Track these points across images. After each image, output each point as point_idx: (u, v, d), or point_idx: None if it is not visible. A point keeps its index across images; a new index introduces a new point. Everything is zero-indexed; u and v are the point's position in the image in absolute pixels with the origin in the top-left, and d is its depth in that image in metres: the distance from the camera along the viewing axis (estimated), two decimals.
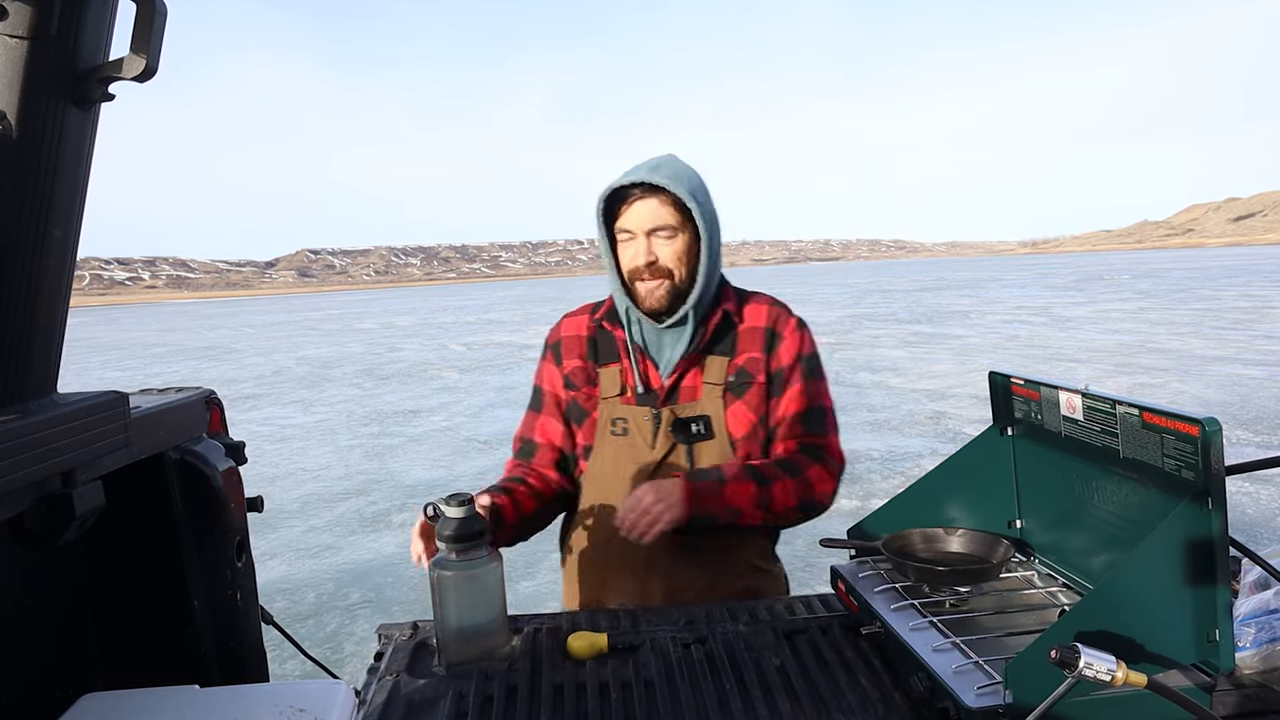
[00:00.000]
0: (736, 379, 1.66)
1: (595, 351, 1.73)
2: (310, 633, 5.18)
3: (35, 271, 0.97)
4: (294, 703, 1.05)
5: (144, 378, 20.32)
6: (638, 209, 1.58)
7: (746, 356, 1.67)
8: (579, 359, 1.73)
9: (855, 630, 1.39)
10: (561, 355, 1.75)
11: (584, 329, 1.76)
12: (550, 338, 1.80)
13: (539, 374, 1.80)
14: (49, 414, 0.99)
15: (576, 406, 1.72)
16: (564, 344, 1.76)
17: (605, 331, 1.73)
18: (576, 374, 1.73)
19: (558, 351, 1.76)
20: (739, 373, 1.66)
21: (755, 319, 1.69)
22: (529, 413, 1.79)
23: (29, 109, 0.90)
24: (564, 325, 1.79)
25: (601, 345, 1.73)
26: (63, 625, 1.22)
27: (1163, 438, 1.12)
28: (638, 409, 1.66)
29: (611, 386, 1.69)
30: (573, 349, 1.75)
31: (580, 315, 1.79)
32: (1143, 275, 52.26)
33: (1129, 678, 0.91)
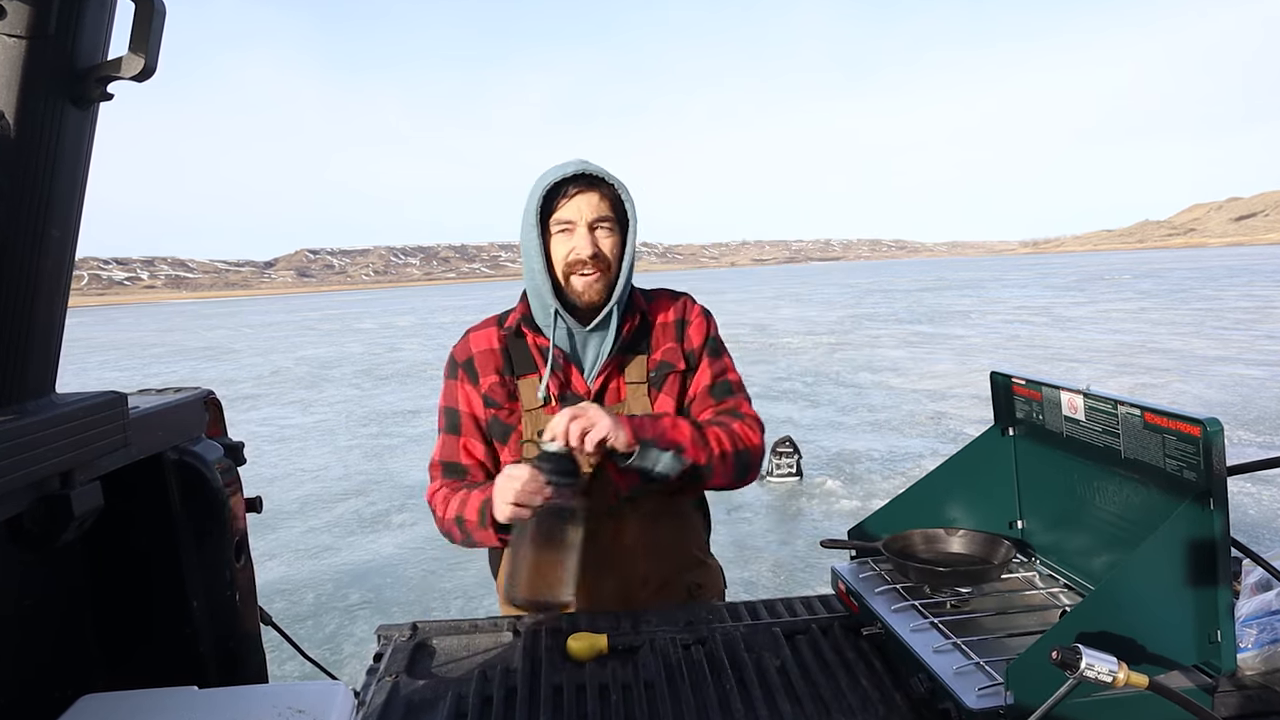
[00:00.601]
0: (657, 373, 1.69)
1: (510, 364, 1.67)
2: (309, 634, 5.18)
3: (33, 271, 0.96)
4: (293, 704, 1.05)
5: (142, 378, 20.32)
6: (579, 201, 1.57)
7: (663, 350, 1.70)
8: (495, 374, 1.67)
9: (856, 631, 1.39)
10: (477, 373, 1.68)
11: (495, 342, 1.69)
12: (459, 355, 1.71)
13: (449, 396, 1.71)
14: (47, 414, 0.99)
15: (499, 423, 1.66)
16: (477, 360, 1.68)
17: (518, 341, 1.67)
18: (494, 390, 1.66)
19: (471, 369, 1.68)
20: (659, 366, 1.69)
21: (665, 315, 1.73)
22: (446, 436, 1.71)
23: (27, 108, 0.90)
24: (472, 340, 1.71)
25: (515, 356, 1.67)
26: (61, 626, 1.22)
27: (1164, 438, 1.12)
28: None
29: (533, 398, 1.64)
30: (487, 364, 1.67)
31: (487, 329, 1.72)
32: (1144, 275, 52.29)
33: (1130, 679, 0.91)
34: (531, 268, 1.60)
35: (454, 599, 5.70)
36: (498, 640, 1.44)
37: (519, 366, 1.66)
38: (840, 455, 9.35)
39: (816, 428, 10.83)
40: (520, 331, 1.67)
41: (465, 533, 1.58)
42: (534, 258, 1.59)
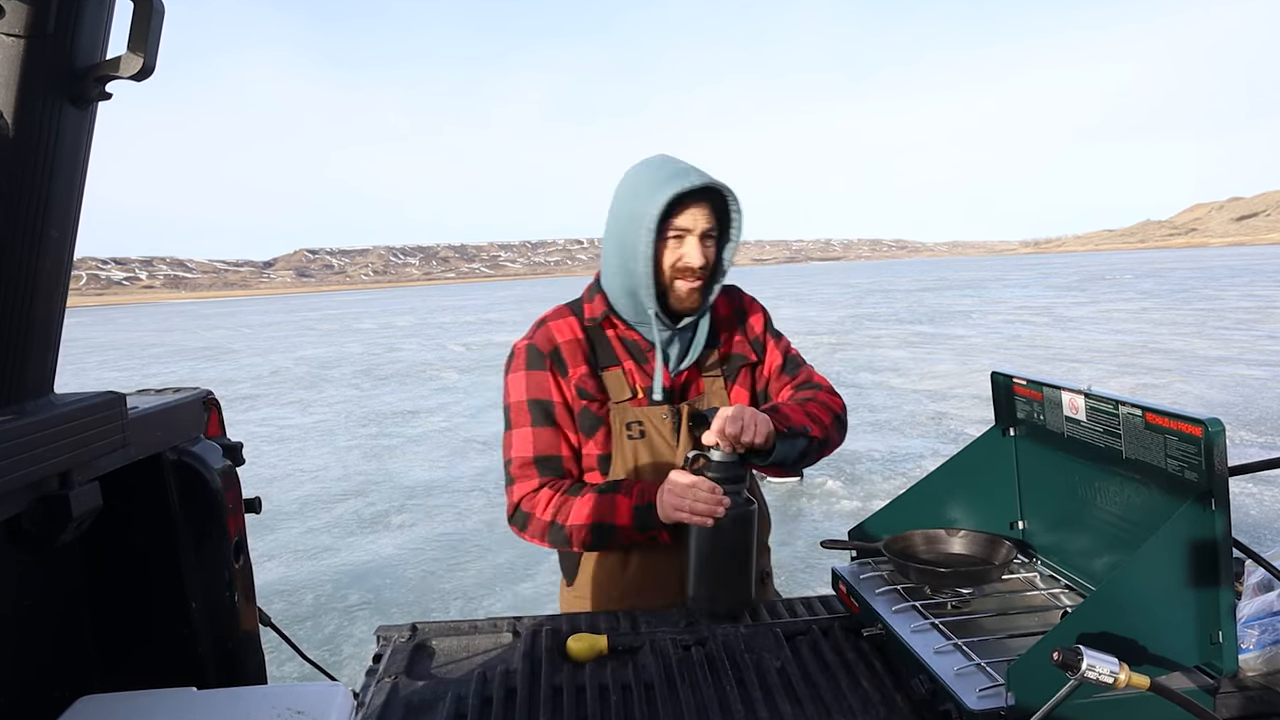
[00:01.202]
0: (729, 365, 1.74)
1: (594, 355, 1.68)
2: (308, 634, 5.17)
3: (32, 271, 0.96)
4: (292, 705, 1.05)
5: (141, 378, 20.32)
6: (696, 212, 1.57)
7: (731, 342, 1.76)
8: (584, 365, 1.66)
9: (856, 632, 1.39)
10: (566, 363, 1.66)
11: (578, 332, 1.68)
12: (542, 345, 1.67)
13: (538, 387, 1.65)
14: (46, 414, 0.98)
15: (589, 415, 1.65)
16: (564, 350, 1.66)
17: (599, 333, 1.69)
18: (585, 381, 1.65)
19: (559, 359, 1.66)
20: (728, 359, 1.75)
21: (724, 308, 1.78)
22: (538, 430, 1.65)
23: (26, 108, 0.89)
24: (555, 330, 1.69)
25: (599, 348, 1.68)
26: (60, 627, 1.21)
27: (1165, 438, 1.12)
28: (652, 409, 1.65)
29: (620, 390, 1.65)
30: (575, 354, 1.66)
31: (565, 319, 1.71)
32: (1145, 275, 52.27)
33: (1132, 680, 0.91)
34: (631, 268, 1.58)
35: (453, 600, 5.70)
36: (497, 641, 1.44)
37: (603, 358, 1.68)
38: (841, 456, 9.33)
39: None
40: (604, 324, 1.69)
41: (600, 537, 1.57)
42: (638, 259, 1.56)
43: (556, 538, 1.60)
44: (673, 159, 1.62)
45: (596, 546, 1.62)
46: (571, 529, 1.58)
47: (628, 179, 1.62)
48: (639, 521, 1.54)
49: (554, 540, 1.61)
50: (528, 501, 1.63)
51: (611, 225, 1.64)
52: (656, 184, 1.55)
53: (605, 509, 1.56)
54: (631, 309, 1.65)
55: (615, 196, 1.65)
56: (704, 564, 1.47)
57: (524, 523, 1.64)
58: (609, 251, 1.65)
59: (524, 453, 1.65)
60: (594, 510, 1.57)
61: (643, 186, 1.57)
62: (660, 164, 1.60)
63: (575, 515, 1.58)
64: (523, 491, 1.65)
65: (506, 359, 1.73)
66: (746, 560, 1.48)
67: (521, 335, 1.74)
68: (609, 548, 1.63)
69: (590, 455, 1.66)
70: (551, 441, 1.65)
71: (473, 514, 7.70)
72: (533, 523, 1.62)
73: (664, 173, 1.57)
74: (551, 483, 1.64)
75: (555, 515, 1.59)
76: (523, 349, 1.70)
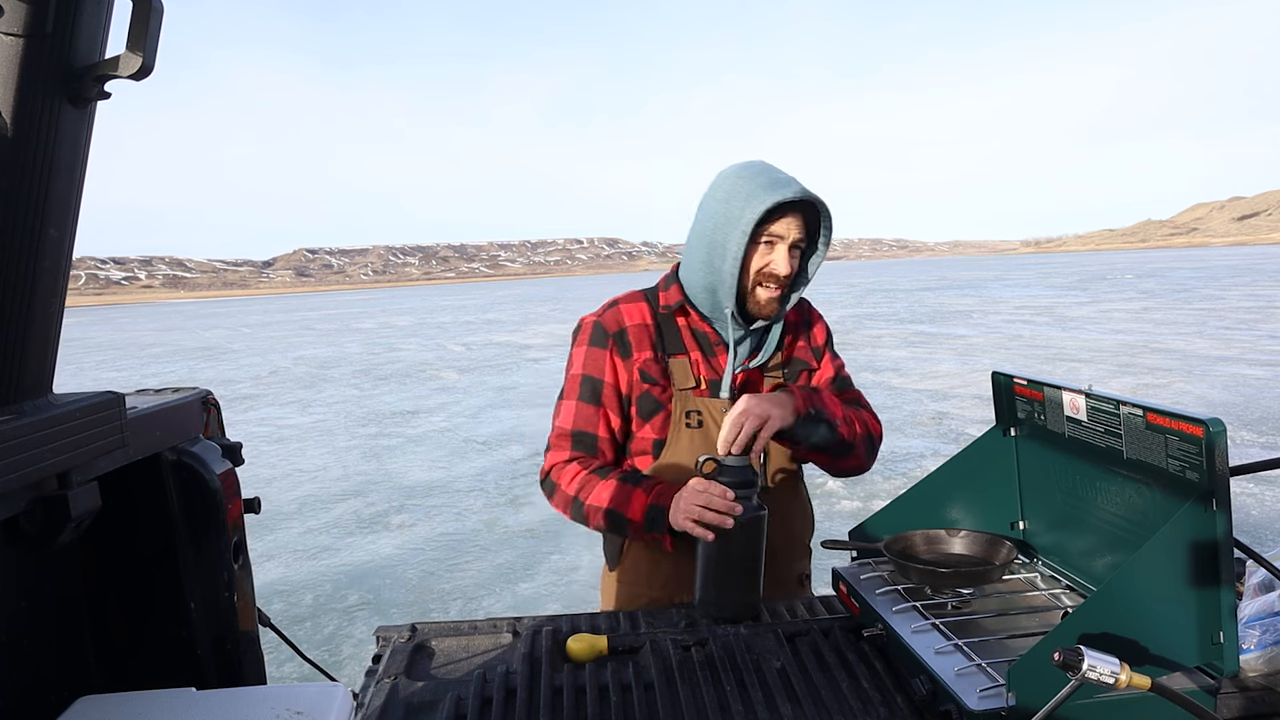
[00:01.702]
0: (790, 369, 1.78)
1: (662, 341, 1.70)
2: (308, 635, 5.17)
3: (31, 271, 0.96)
4: (291, 705, 1.04)
5: (140, 378, 20.30)
6: (790, 221, 1.59)
7: (794, 347, 1.80)
8: (649, 350, 1.69)
9: (857, 632, 1.38)
10: (630, 345, 1.69)
11: (648, 317, 1.72)
12: (609, 325, 1.70)
13: (593, 364, 1.69)
14: (44, 415, 0.98)
15: (650, 399, 1.68)
16: (630, 333, 1.69)
17: (669, 320, 1.71)
18: (649, 365, 1.68)
19: (624, 341, 1.69)
20: (790, 362, 1.78)
21: (791, 315, 1.81)
22: (582, 405, 1.69)
23: (24, 107, 0.89)
24: (625, 313, 1.72)
25: (667, 335, 1.71)
26: (58, 628, 1.21)
27: (1166, 439, 1.11)
28: (713, 401, 1.67)
29: (684, 378, 1.68)
30: (642, 339, 1.69)
31: (637, 303, 1.74)
32: (1146, 275, 52.22)
33: (1133, 680, 0.90)
34: (718, 266, 1.60)
35: (453, 600, 5.69)
36: (497, 642, 1.43)
37: (670, 345, 1.70)
38: None
39: None
40: (676, 313, 1.71)
41: (613, 524, 1.60)
42: (727, 258, 1.59)
43: (577, 513, 1.64)
44: (772, 167, 1.63)
45: (610, 532, 1.66)
46: (590, 509, 1.61)
47: (725, 181, 1.63)
48: (648, 520, 1.55)
49: (574, 515, 1.65)
50: (557, 471, 1.68)
51: (702, 224, 1.65)
52: (756, 190, 1.57)
53: (622, 499, 1.58)
54: (709, 304, 1.68)
55: (709, 195, 1.66)
56: (713, 567, 1.47)
57: (550, 491, 1.69)
58: (694, 248, 1.66)
59: (565, 424, 1.70)
60: (612, 497, 1.59)
61: (740, 190, 1.58)
62: (760, 170, 1.61)
63: (595, 496, 1.61)
64: (554, 460, 1.70)
65: (574, 330, 1.78)
66: (756, 565, 1.47)
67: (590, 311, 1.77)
68: (620, 536, 1.68)
69: (646, 439, 1.69)
70: (591, 419, 1.69)
71: (472, 514, 7.69)
72: (558, 493, 1.67)
73: (764, 179, 1.58)
74: (582, 459, 1.68)
75: (579, 491, 1.63)
76: (590, 324, 1.73)
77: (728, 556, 1.45)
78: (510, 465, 9.49)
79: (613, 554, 1.78)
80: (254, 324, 48.07)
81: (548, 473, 1.71)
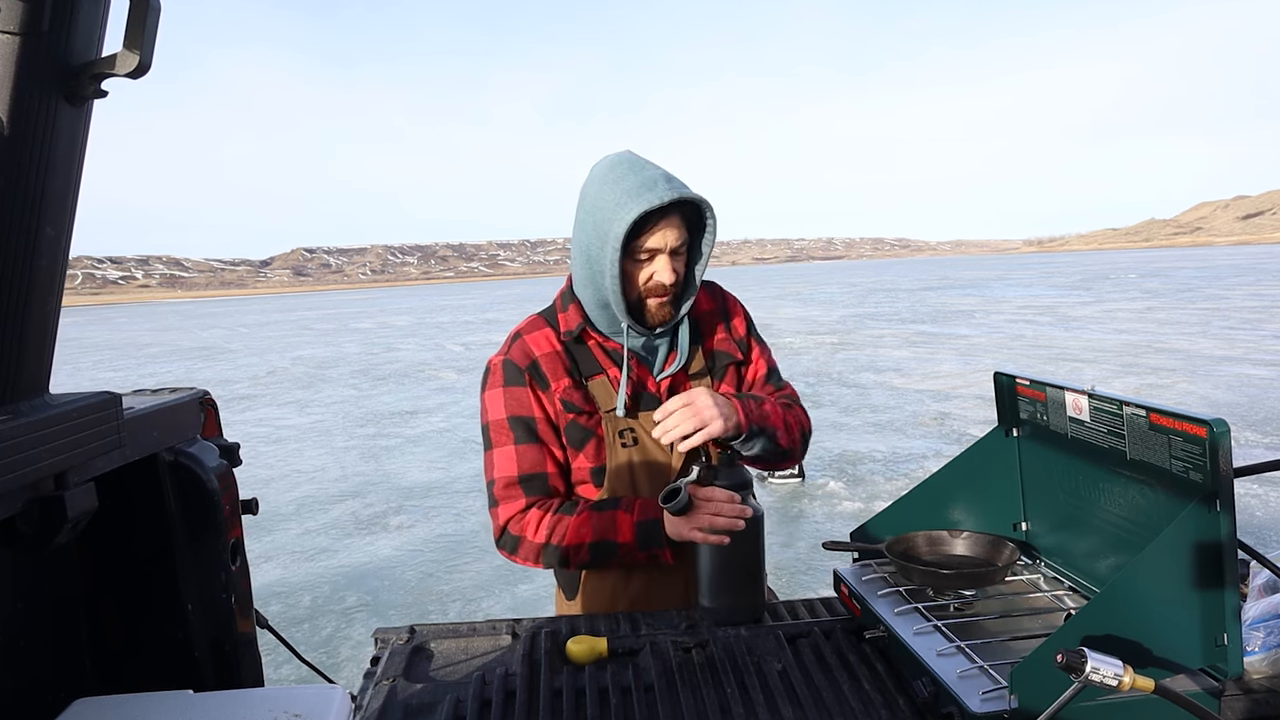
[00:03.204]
0: (715, 364, 1.69)
1: (576, 366, 1.62)
2: (306, 637, 5.16)
3: (27, 270, 0.95)
4: (289, 708, 1.04)
5: (137, 378, 20.30)
6: (665, 232, 1.49)
7: (713, 340, 1.71)
8: (566, 377, 1.60)
9: (858, 634, 1.38)
10: (546, 377, 1.60)
11: (555, 343, 1.62)
12: (519, 360, 1.61)
13: (518, 404, 1.59)
14: (41, 415, 0.97)
15: (578, 428, 1.59)
16: (543, 364, 1.60)
17: (579, 345, 1.63)
18: (570, 394, 1.59)
19: (539, 373, 1.60)
20: (713, 356, 1.70)
21: (704, 303, 1.72)
22: (522, 447, 1.58)
23: (20, 105, 0.89)
24: (532, 343, 1.62)
25: (580, 359, 1.62)
26: (54, 630, 1.21)
27: (1170, 439, 1.11)
28: (642, 416, 1.60)
29: (608, 399, 1.59)
30: (556, 367, 1.60)
31: (540, 331, 1.64)
32: (1150, 274, 52.21)
33: (1136, 682, 0.90)
34: (601, 284, 1.52)
35: (452, 602, 5.69)
36: (496, 643, 1.43)
37: (585, 368, 1.62)
38: (843, 456, 9.33)
39: (819, 428, 10.78)
40: (582, 335, 1.63)
41: (600, 555, 1.52)
42: (605, 276, 1.50)
43: (551, 559, 1.55)
44: (640, 163, 1.52)
45: (595, 566, 1.57)
46: (569, 549, 1.52)
47: (592, 185, 1.52)
48: (642, 538, 1.49)
49: (548, 562, 1.57)
50: (516, 524, 1.57)
51: (578, 234, 1.56)
52: (622, 197, 1.45)
53: (605, 526, 1.51)
54: (605, 320, 1.59)
55: (580, 201, 1.55)
56: (720, 574, 1.44)
57: (514, 546, 1.58)
58: (577, 261, 1.58)
59: (508, 472, 1.59)
60: (593, 528, 1.52)
61: (607, 198, 1.47)
62: (626, 171, 1.49)
63: (572, 535, 1.52)
64: (509, 513, 1.58)
65: (483, 376, 1.67)
66: (760, 566, 1.47)
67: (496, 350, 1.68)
68: (609, 567, 1.58)
69: (582, 469, 1.61)
70: (536, 459, 1.59)
71: (471, 515, 7.69)
72: (524, 546, 1.56)
73: (630, 184, 1.46)
74: (540, 502, 1.58)
75: (549, 536, 1.54)
76: (499, 365, 1.63)
77: (733, 560, 1.44)
78: None
79: (569, 583, 1.69)
80: (252, 324, 48.05)
81: (504, 528, 1.59)
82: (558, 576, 1.73)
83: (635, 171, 1.49)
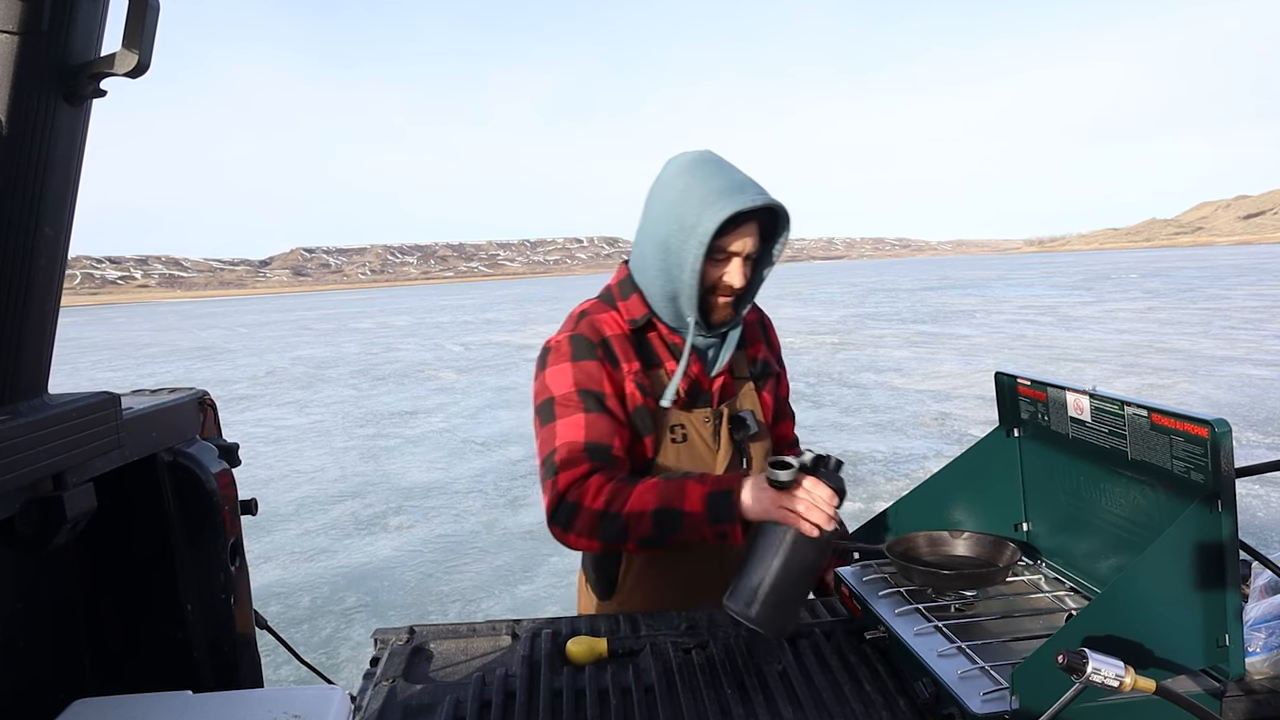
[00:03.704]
0: (758, 371, 1.73)
1: (641, 353, 1.59)
2: (305, 637, 5.15)
3: (26, 270, 0.95)
4: (288, 708, 1.04)
5: (136, 378, 20.26)
6: (746, 233, 1.50)
7: (756, 349, 1.74)
8: (636, 361, 1.57)
9: (859, 635, 1.37)
10: (618, 357, 1.56)
11: (624, 328, 1.60)
12: (591, 335, 1.57)
13: (588, 376, 1.53)
14: (40, 415, 0.97)
15: (646, 414, 1.55)
16: (614, 344, 1.57)
17: (641, 335, 1.61)
18: (641, 378, 1.56)
19: (610, 352, 1.56)
20: (755, 364, 1.73)
21: (749, 313, 1.75)
22: (592, 416, 1.50)
23: (20, 105, 0.89)
24: (601, 323, 1.59)
25: (642, 347, 1.60)
26: (54, 630, 1.20)
27: (1171, 439, 1.11)
28: (695, 413, 1.59)
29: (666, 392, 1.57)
30: (627, 351, 1.57)
31: (607, 313, 1.62)
32: (1151, 274, 52.12)
33: (1137, 683, 0.90)
34: (676, 276, 1.50)
35: (451, 602, 5.68)
36: (496, 644, 1.43)
37: (647, 357, 1.60)
38: (843, 456, 9.27)
39: (819, 429, 10.81)
40: (645, 325, 1.61)
41: (664, 525, 1.37)
42: (684, 270, 1.48)
43: (609, 530, 1.40)
44: (726, 164, 1.52)
45: (656, 541, 1.39)
46: (629, 517, 1.38)
47: (676, 179, 1.50)
48: (713, 510, 1.33)
49: (605, 534, 1.40)
50: (575, 490, 1.43)
51: (655, 225, 1.52)
52: (713, 195, 1.44)
53: (672, 494, 1.37)
54: (670, 313, 1.58)
55: (660, 194, 1.52)
56: (779, 578, 1.25)
57: (569, 516, 1.43)
58: (648, 251, 1.55)
59: (574, 438, 1.48)
60: (658, 495, 1.38)
61: (695, 194, 1.46)
62: (714, 170, 1.49)
63: (634, 501, 1.38)
64: (570, 479, 1.45)
65: (541, 356, 1.60)
66: (812, 583, 1.33)
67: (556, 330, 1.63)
68: (670, 543, 1.39)
69: (634, 459, 1.56)
70: (605, 430, 1.49)
71: (471, 515, 7.68)
72: (580, 515, 1.42)
73: (720, 184, 1.46)
74: (603, 469, 1.46)
75: (609, 503, 1.40)
76: (565, 340, 1.57)
77: (793, 566, 1.26)
78: (509, 466, 9.48)
79: (603, 584, 1.64)
80: (251, 324, 48.02)
81: (562, 495, 1.44)
82: (594, 577, 1.68)
83: (724, 172, 1.49)
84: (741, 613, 1.24)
